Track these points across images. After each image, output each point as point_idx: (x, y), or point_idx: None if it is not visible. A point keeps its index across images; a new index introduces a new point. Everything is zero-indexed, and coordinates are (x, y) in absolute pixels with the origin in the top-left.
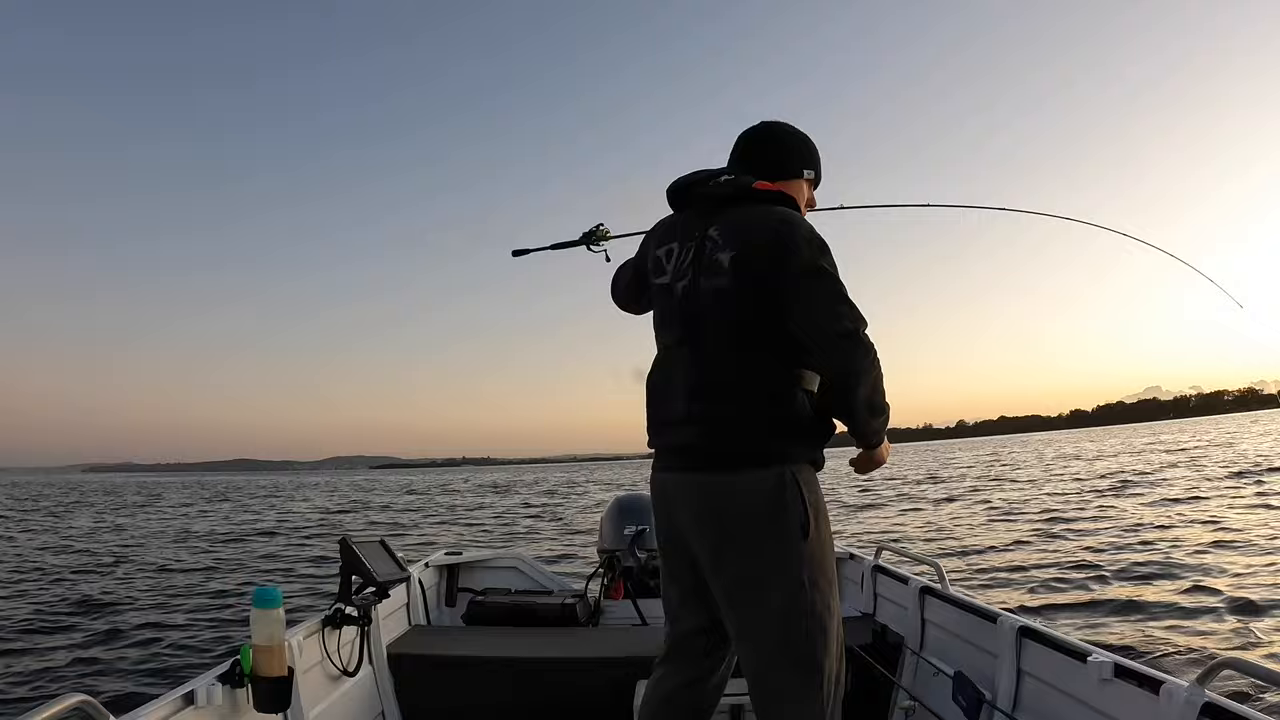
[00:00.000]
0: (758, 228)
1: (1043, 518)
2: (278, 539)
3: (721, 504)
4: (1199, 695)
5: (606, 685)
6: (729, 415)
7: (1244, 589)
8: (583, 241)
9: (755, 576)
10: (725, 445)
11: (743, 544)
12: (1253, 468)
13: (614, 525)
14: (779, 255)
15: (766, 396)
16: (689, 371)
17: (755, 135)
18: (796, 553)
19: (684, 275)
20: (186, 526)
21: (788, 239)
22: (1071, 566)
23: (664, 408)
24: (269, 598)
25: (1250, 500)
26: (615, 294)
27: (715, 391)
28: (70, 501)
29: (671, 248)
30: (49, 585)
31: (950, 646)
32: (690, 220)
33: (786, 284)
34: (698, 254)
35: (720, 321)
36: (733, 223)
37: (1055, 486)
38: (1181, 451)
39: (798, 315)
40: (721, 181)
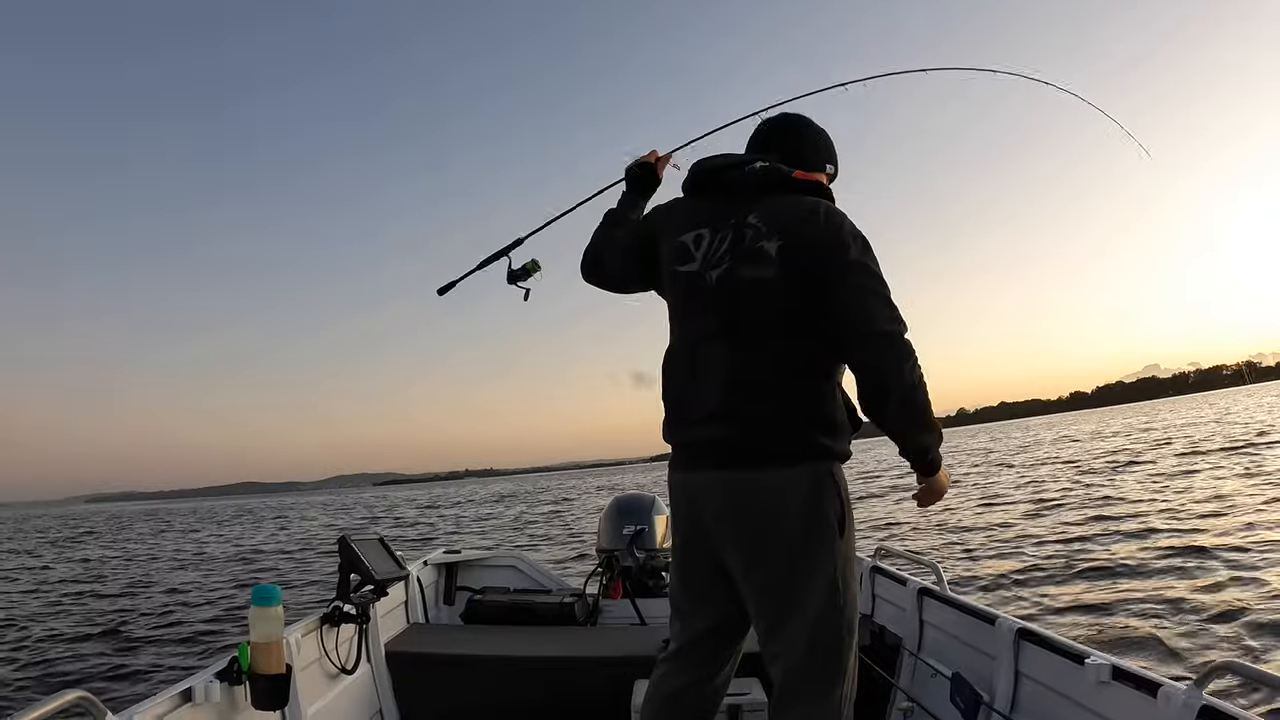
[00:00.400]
0: (806, 219)
1: (1033, 510)
2: (305, 553)
3: (758, 502)
4: (1196, 698)
5: (605, 684)
6: (766, 412)
7: (1244, 587)
8: (513, 279)
9: (793, 576)
10: (762, 442)
11: (781, 543)
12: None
13: (612, 525)
14: (827, 247)
15: (804, 392)
16: (724, 365)
17: (779, 125)
18: (832, 551)
19: (719, 263)
20: (202, 549)
21: (836, 232)
22: (1065, 565)
23: (692, 404)
24: (267, 595)
25: (1240, 489)
26: (600, 268)
27: (752, 387)
28: (81, 533)
29: (701, 234)
30: (50, 586)
31: (948, 648)
32: (720, 206)
33: (832, 275)
34: (736, 241)
35: (761, 313)
36: (775, 211)
37: (1036, 475)
38: (1153, 432)
39: (837, 310)
40: (758, 168)
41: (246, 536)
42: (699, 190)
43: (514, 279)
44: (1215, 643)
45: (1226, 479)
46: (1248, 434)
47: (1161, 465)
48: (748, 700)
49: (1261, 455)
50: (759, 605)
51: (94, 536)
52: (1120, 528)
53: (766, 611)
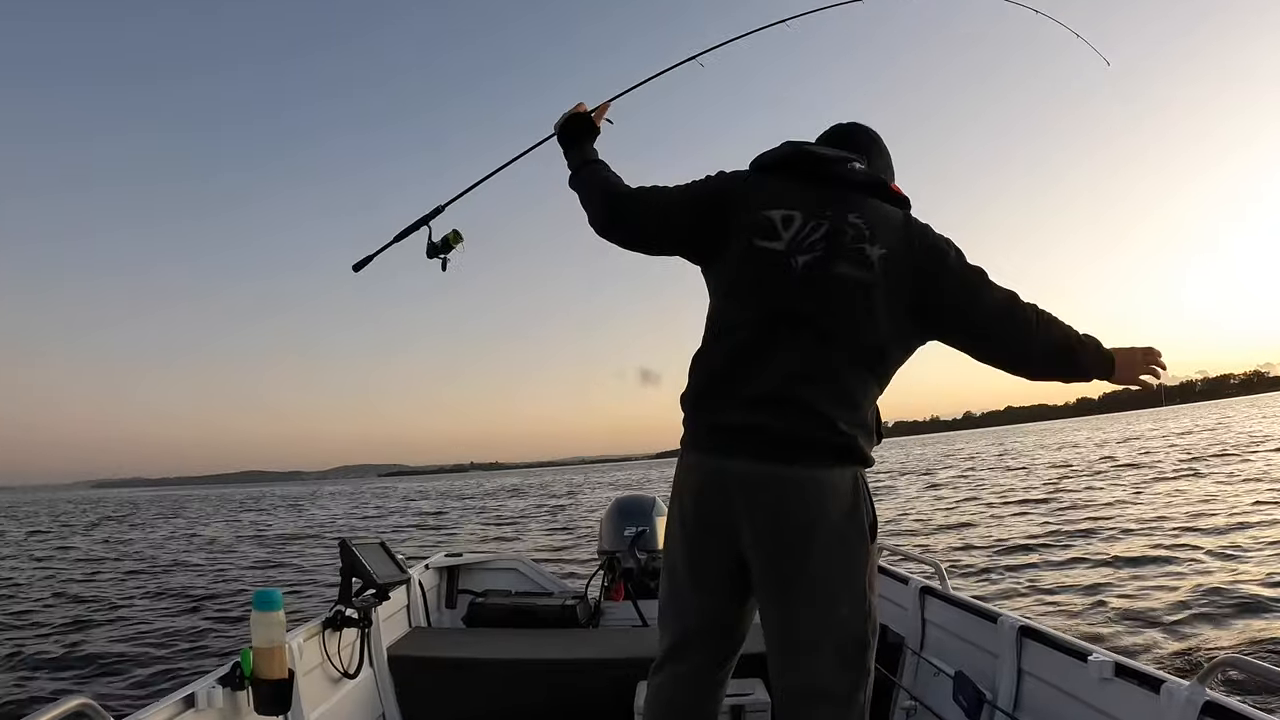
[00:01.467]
0: (905, 232)
1: (1034, 509)
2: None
3: (802, 501)
4: (1200, 694)
5: (607, 686)
6: (824, 409)
7: (1243, 587)
8: (433, 252)
9: (829, 577)
10: (812, 439)
11: (822, 544)
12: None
13: (614, 527)
14: (930, 258)
15: (861, 397)
16: (793, 353)
17: (862, 135)
18: (865, 556)
19: (809, 250)
20: (232, 536)
21: (935, 243)
22: (1066, 563)
23: (744, 384)
24: (269, 600)
25: (1241, 491)
26: (624, 221)
27: (816, 383)
28: (88, 521)
29: (791, 215)
30: (50, 588)
31: (951, 646)
32: (815, 195)
33: (942, 283)
34: (833, 235)
35: (846, 313)
36: (876, 218)
37: (1038, 476)
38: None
39: (971, 313)
40: (859, 169)
41: (277, 526)
42: (787, 170)
43: (434, 252)
44: (1218, 639)
45: (1226, 481)
46: (1244, 442)
47: (1163, 468)
48: (750, 701)
49: (1254, 462)
50: (785, 604)
51: (105, 523)
52: (1120, 527)
53: (794, 611)
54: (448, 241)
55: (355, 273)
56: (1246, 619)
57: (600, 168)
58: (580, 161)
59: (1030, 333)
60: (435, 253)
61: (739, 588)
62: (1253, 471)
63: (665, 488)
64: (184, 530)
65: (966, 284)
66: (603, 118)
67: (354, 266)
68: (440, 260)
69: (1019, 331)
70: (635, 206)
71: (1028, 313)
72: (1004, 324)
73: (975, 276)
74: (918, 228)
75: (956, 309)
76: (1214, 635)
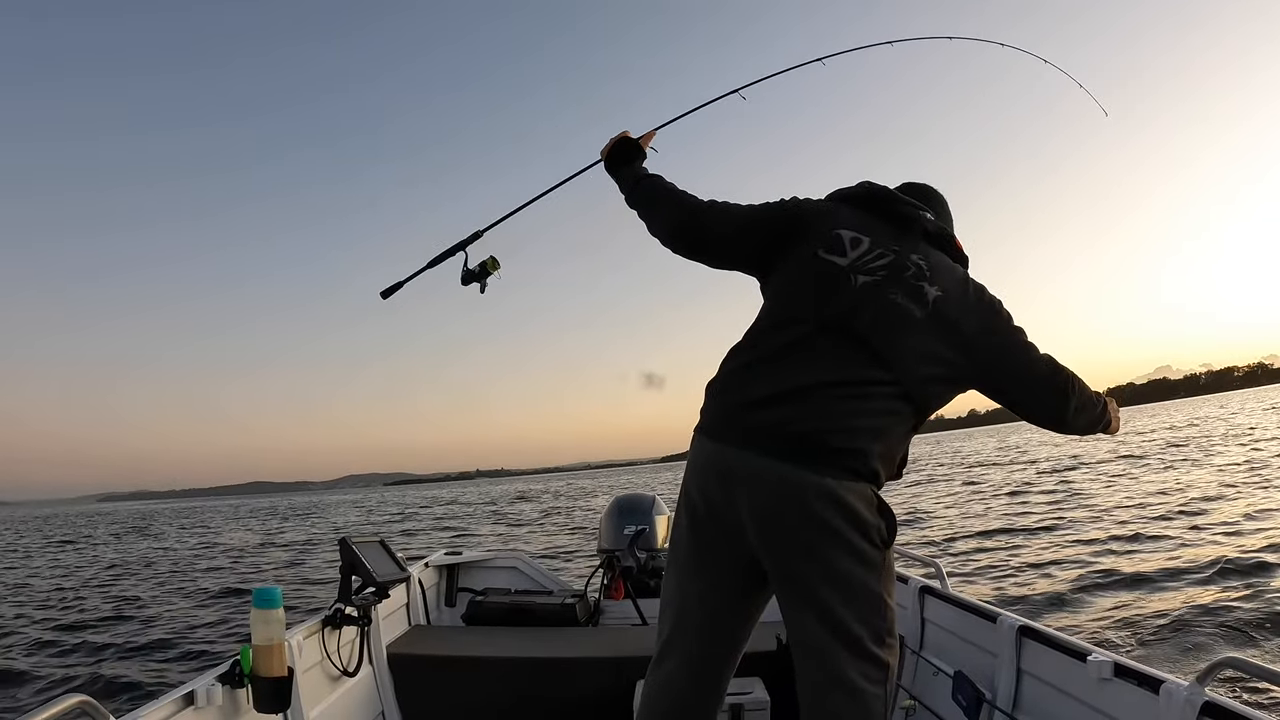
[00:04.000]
0: (963, 284)
1: (1033, 509)
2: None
3: (812, 504)
4: (1199, 694)
5: (606, 685)
6: (848, 421)
7: (1244, 585)
8: (469, 279)
9: (841, 581)
10: (831, 444)
11: (830, 548)
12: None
13: (613, 525)
14: (980, 315)
15: (887, 421)
16: (830, 360)
17: (932, 194)
18: (878, 561)
19: (869, 273)
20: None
21: (988, 302)
22: (1065, 562)
23: (772, 376)
24: (269, 597)
25: (1239, 488)
26: (705, 233)
27: (847, 396)
28: (92, 533)
29: (860, 239)
30: (52, 588)
31: (950, 646)
32: (887, 229)
33: (997, 342)
34: (895, 267)
35: (889, 340)
36: (940, 264)
37: (1038, 475)
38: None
39: (1018, 372)
40: (930, 219)
41: (290, 533)
42: (865, 206)
43: (469, 279)
44: (1217, 639)
45: (1225, 477)
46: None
47: (1165, 464)
48: (750, 699)
49: (1260, 452)
50: (799, 605)
51: (109, 536)
52: (1121, 526)
53: (806, 613)
54: (485, 268)
55: (384, 299)
56: (1246, 619)
57: (661, 179)
58: (637, 177)
59: (1068, 397)
60: (471, 279)
61: (743, 583)
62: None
63: (672, 491)
64: (200, 537)
65: (1014, 345)
66: (649, 144)
67: (382, 294)
68: (478, 285)
69: (1056, 396)
70: (714, 216)
71: (1063, 378)
72: (1045, 386)
73: (1021, 339)
74: (976, 284)
75: (1004, 366)
76: (1213, 635)
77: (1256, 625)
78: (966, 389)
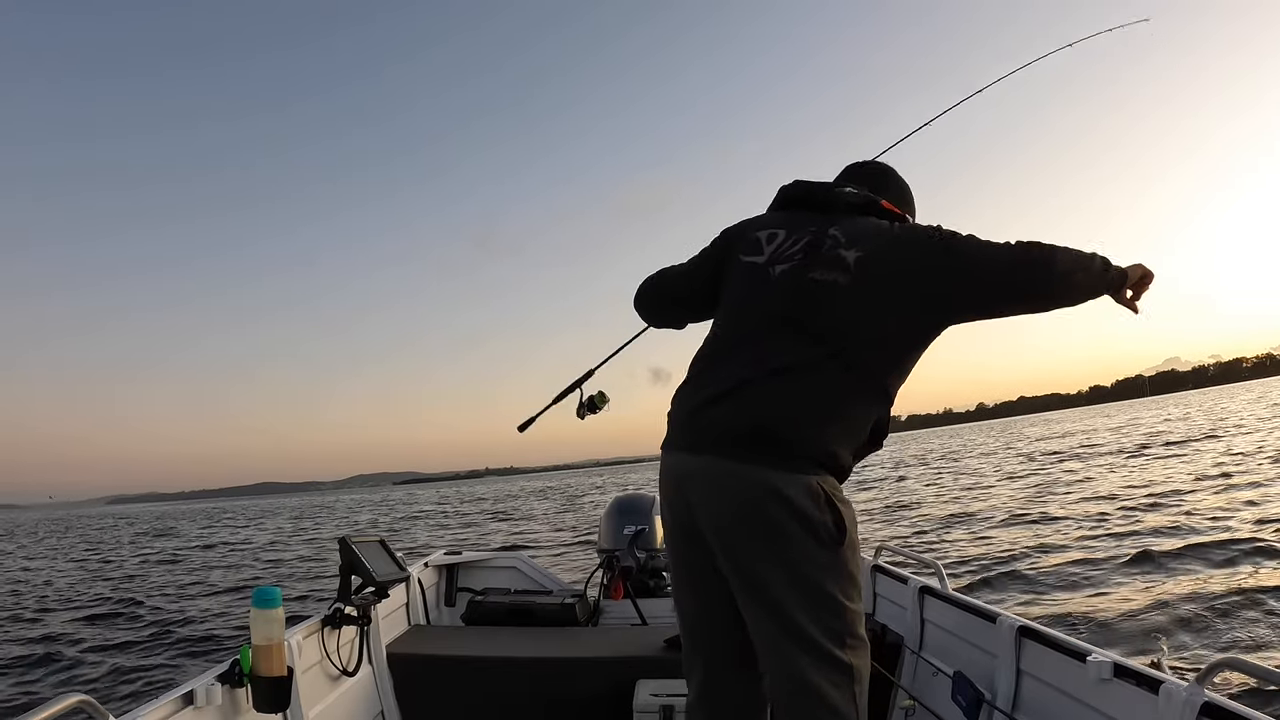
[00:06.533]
0: (887, 235)
1: (1033, 508)
2: None
3: (753, 498)
4: (1198, 695)
5: (606, 685)
6: (787, 407)
7: (1242, 587)
8: (582, 412)
9: (789, 579)
10: (773, 432)
11: (775, 544)
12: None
13: (613, 525)
14: (926, 250)
15: (833, 397)
16: (760, 353)
17: (872, 168)
18: (827, 558)
19: (787, 260)
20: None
21: (924, 237)
22: (1066, 562)
23: (711, 378)
24: (268, 597)
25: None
26: (662, 295)
27: (783, 381)
28: (101, 534)
29: (776, 233)
30: (51, 588)
31: (950, 646)
32: (804, 217)
33: (945, 263)
34: (811, 245)
35: (816, 316)
36: (861, 228)
37: (1039, 471)
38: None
39: (985, 278)
40: (850, 191)
41: (300, 532)
42: (785, 205)
43: (583, 412)
44: (1217, 639)
45: (1227, 473)
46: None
47: (1166, 460)
48: None
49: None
50: (750, 604)
51: (119, 537)
52: (1120, 525)
53: (759, 610)
54: (594, 402)
55: (520, 433)
56: (1246, 619)
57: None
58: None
59: (1049, 266)
60: (584, 412)
61: (725, 589)
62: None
63: None
64: (208, 538)
65: (966, 255)
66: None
67: (519, 427)
68: (583, 414)
69: (1033, 268)
70: (664, 284)
71: (1034, 249)
72: (1020, 271)
73: (969, 245)
74: (903, 228)
75: (967, 278)
76: (1213, 636)
77: (1257, 624)
78: (942, 324)
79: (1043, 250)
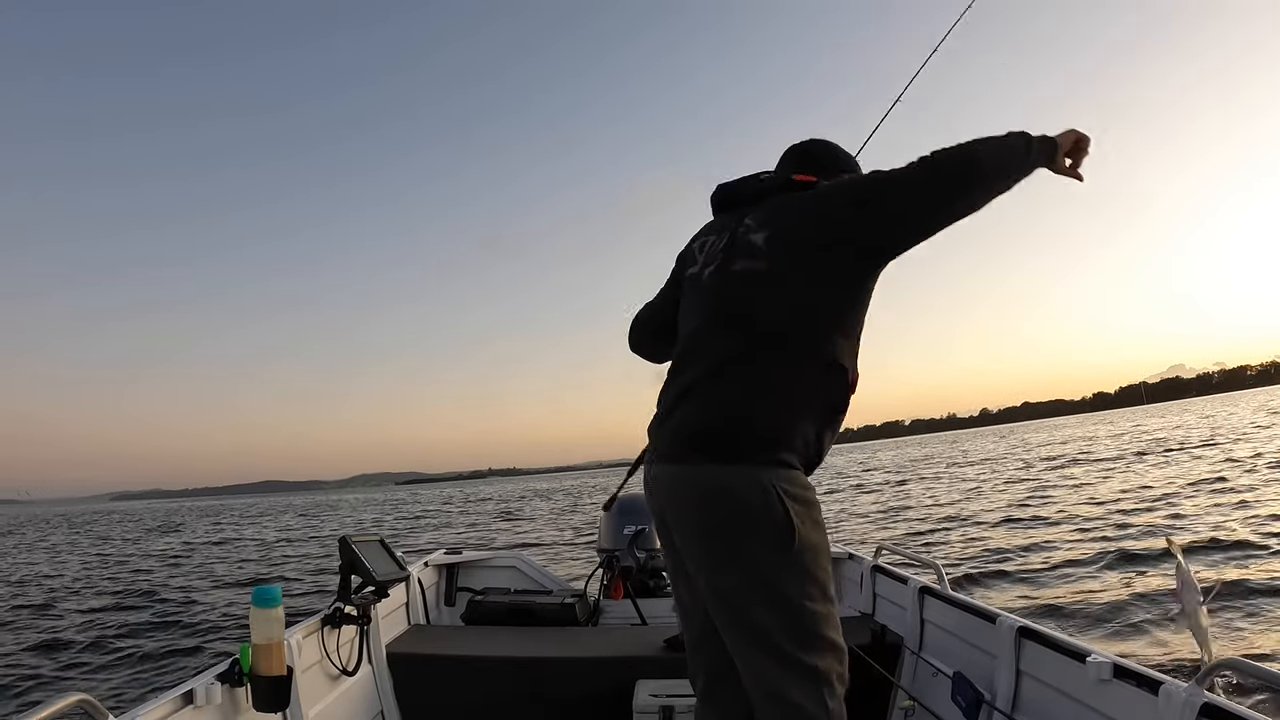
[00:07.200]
0: (794, 206)
1: (1034, 509)
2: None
3: (703, 500)
4: (1198, 695)
5: (606, 685)
6: (728, 403)
7: (1245, 582)
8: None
9: (740, 584)
10: (718, 429)
11: (722, 547)
12: None
13: (613, 525)
14: (827, 203)
15: (769, 385)
16: (702, 357)
17: (800, 145)
18: (780, 559)
19: (715, 258)
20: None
21: (824, 191)
22: (1066, 562)
23: (668, 401)
24: (268, 596)
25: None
26: (636, 335)
27: (724, 377)
28: (101, 531)
29: (706, 239)
30: (52, 588)
31: (949, 646)
32: (728, 215)
33: (842, 216)
34: (731, 240)
35: (742, 305)
36: (772, 208)
37: (1040, 475)
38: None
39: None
40: (762, 178)
41: (310, 531)
42: (715, 210)
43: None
44: (1216, 639)
45: (1228, 476)
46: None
47: (1169, 464)
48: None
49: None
50: (714, 609)
51: (125, 534)
52: (1120, 525)
53: (719, 616)
54: None
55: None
56: (1245, 619)
57: None
58: None
59: (966, 167)
60: None
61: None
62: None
63: None
64: (214, 535)
65: (872, 194)
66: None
67: (604, 506)
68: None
69: (954, 177)
70: (645, 318)
71: (945, 160)
72: (936, 185)
73: (875, 182)
74: (810, 193)
75: (882, 219)
76: (1212, 636)
77: (1257, 625)
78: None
79: (951, 156)
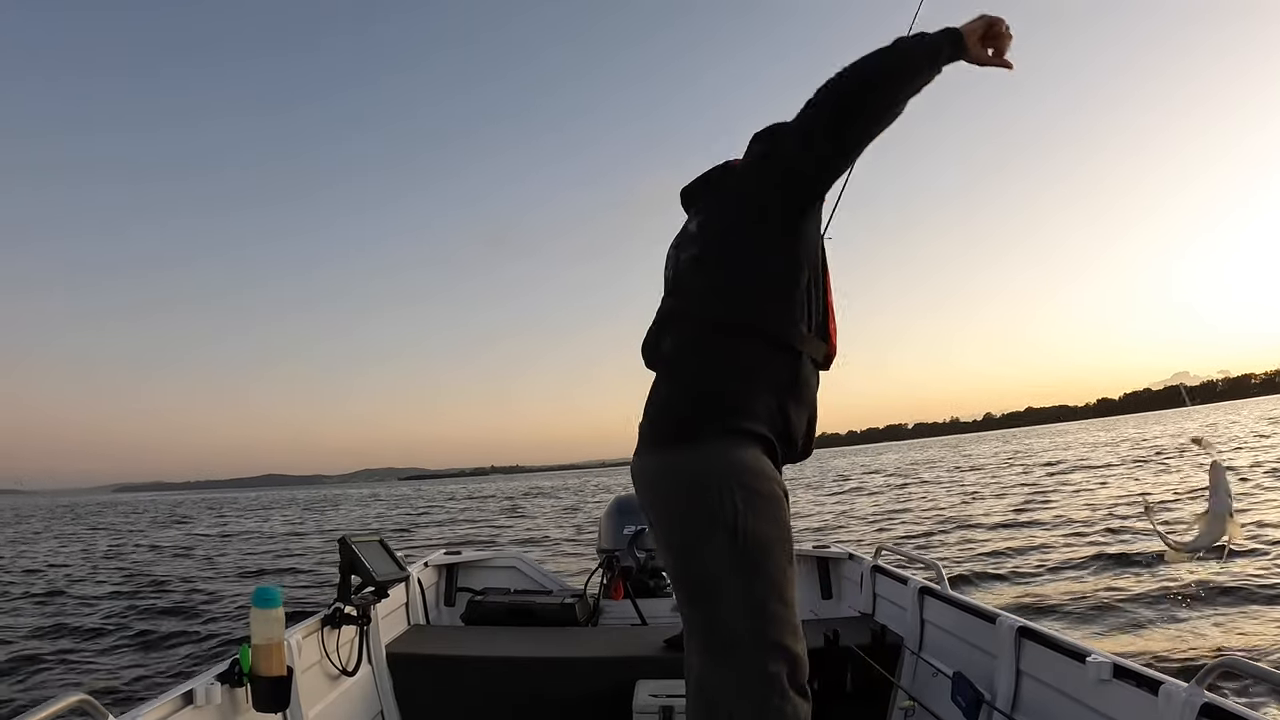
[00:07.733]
0: (720, 185)
1: (1034, 510)
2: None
3: (656, 486)
4: (1198, 696)
5: (606, 685)
6: (680, 392)
7: (1244, 583)
8: None
9: (690, 574)
10: (671, 420)
11: (677, 534)
12: None
13: (613, 525)
14: (737, 182)
15: (718, 366)
16: (668, 354)
17: (758, 133)
18: (726, 550)
19: (671, 261)
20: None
21: (739, 166)
22: (1066, 563)
23: (649, 398)
24: (268, 597)
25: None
26: (645, 356)
27: (677, 367)
28: (104, 523)
29: (676, 242)
30: (52, 587)
31: (949, 647)
32: (690, 214)
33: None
34: (680, 236)
35: (690, 293)
36: (707, 199)
37: (1041, 478)
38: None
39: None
40: (713, 174)
41: (314, 526)
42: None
43: None
44: (1216, 640)
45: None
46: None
47: (1171, 468)
48: None
49: None
50: (682, 601)
51: (129, 527)
52: (1120, 526)
53: (681, 606)
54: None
55: None
56: (1245, 619)
57: None
58: None
59: (863, 88)
60: None
61: None
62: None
63: None
64: (218, 529)
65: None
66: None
67: None
68: None
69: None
70: (647, 336)
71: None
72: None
73: (768, 131)
74: (731, 169)
75: (794, 168)
76: (1212, 636)
77: (1257, 625)
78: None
79: (843, 81)
